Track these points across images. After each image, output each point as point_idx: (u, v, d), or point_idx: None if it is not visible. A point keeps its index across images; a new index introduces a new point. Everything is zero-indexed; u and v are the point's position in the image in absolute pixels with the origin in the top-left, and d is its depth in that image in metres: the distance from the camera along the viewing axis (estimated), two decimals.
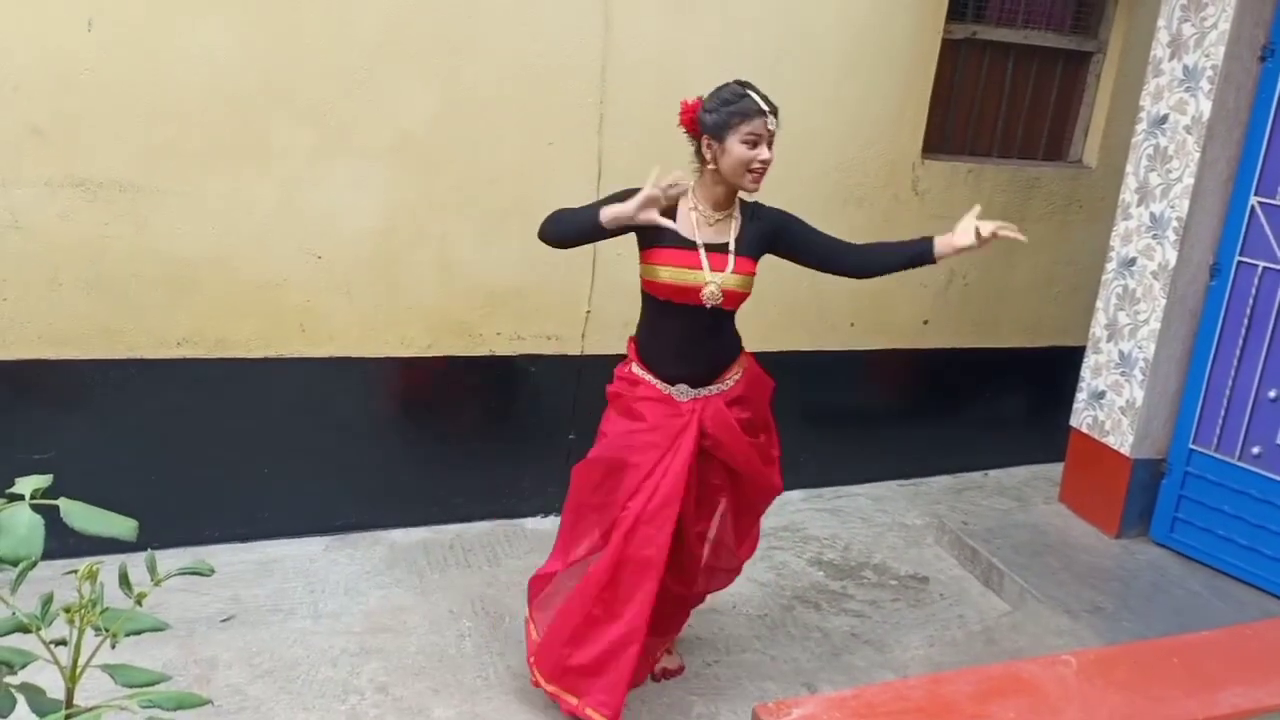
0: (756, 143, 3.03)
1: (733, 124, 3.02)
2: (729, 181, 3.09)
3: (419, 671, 3.58)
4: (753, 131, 3.01)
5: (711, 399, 3.25)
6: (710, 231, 3.14)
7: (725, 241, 3.14)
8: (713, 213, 3.15)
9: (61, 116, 3.66)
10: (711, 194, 3.14)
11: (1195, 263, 4.47)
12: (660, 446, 3.19)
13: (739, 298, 3.16)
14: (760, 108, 3.02)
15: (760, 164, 3.05)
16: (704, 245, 3.10)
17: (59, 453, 3.91)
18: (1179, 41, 4.39)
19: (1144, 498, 4.73)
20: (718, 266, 3.10)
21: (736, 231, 3.17)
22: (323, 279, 4.14)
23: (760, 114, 3.02)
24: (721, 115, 3.04)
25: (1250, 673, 2.19)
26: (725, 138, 3.03)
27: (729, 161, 3.04)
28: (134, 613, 1.38)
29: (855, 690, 2.07)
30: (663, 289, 3.12)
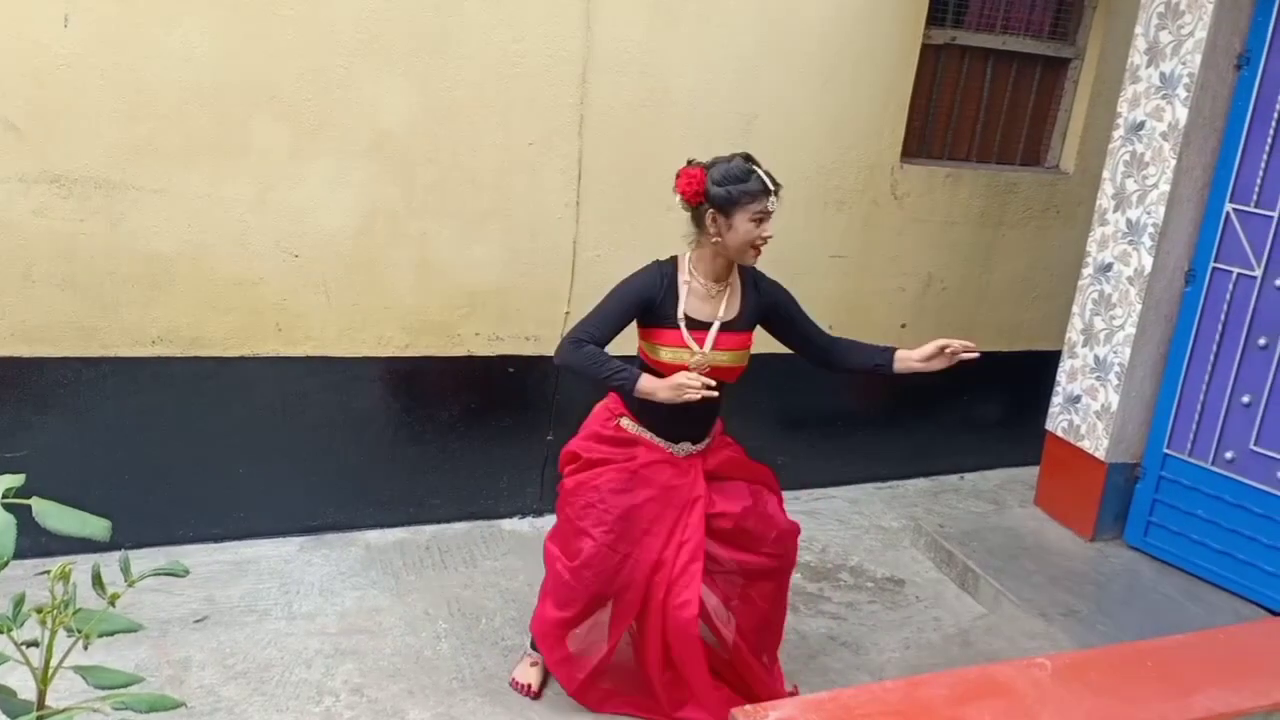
0: (762, 220, 3.06)
1: (742, 202, 3.04)
2: (732, 257, 3.13)
3: (394, 673, 3.57)
4: (761, 210, 3.04)
5: (710, 448, 3.37)
6: (704, 307, 3.17)
7: (713, 320, 3.17)
8: (711, 284, 3.18)
9: (37, 112, 3.63)
10: (711, 267, 3.17)
11: (1171, 269, 4.51)
12: (674, 508, 3.26)
13: (730, 372, 3.23)
14: (768, 187, 3.05)
15: (763, 241, 3.09)
16: (686, 319, 3.14)
17: (32, 451, 3.87)
18: (1156, 49, 4.42)
19: (1119, 502, 4.76)
20: (701, 343, 3.15)
21: (736, 304, 3.22)
22: (300, 278, 4.12)
23: (767, 193, 3.05)
24: (732, 192, 3.05)
25: (1224, 676, 2.21)
26: (733, 214, 3.05)
27: (735, 238, 3.07)
28: (107, 614, 1.37)
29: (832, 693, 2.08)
30: (665, 367, 3.14)
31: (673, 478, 3.27)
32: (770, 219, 3.08)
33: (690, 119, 4.50)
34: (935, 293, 5.33)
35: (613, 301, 3.19)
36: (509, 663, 3.68)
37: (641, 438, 3.29)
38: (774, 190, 3.07)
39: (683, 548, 3.23)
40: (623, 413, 3.33)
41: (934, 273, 5.29)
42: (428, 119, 4.13)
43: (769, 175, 3.09)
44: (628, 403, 3.30)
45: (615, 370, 3.06)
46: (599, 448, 3.33)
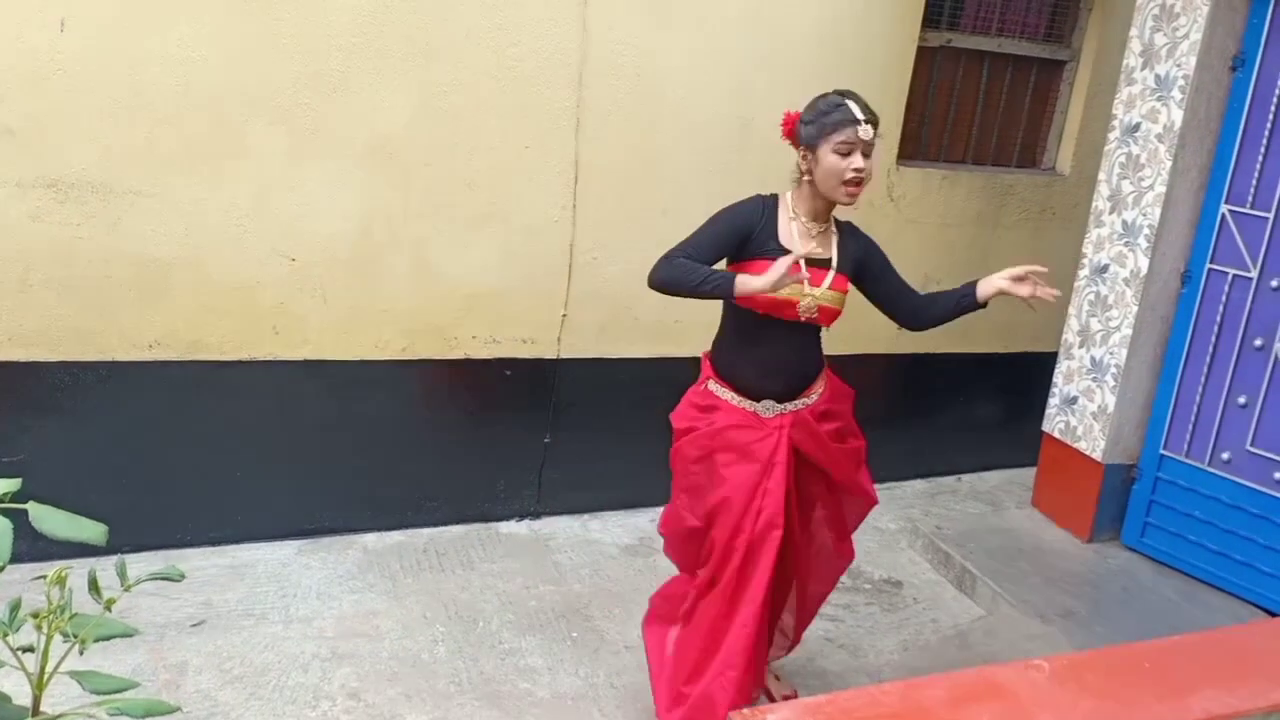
0: (850, 151, 2.93)
1: (825, 133, 2.94)
2: (824, 194, 3.01)
3: (391, 677, 3.57)
4: (846, 140, 2.93)
5: (800, 414, 3.16)
6: (811, 244, 3.05)
7: (828, 256, 3.07)
8: (813, 224, 3.07)
9: (33, 116, 3.62)
10: (811, 206, 3.06)
11: (1167, 270, 4.51)
12: (753, 475, 3.09)
13: (833, 314, 3.10)
14: (854, 116, 2.93)
15: (854, 173, 2.95)
16: (804, 259, 2.99)
17: (28, 455, 3.87)
18: (1151, 51, 4.43)
19: (1115, 503, 4.76)
20: (816, 281, 3.02)
21: (837, 249, 3.11)
22: (297, 281, 4.12)
23: (853, 122, 2.93)
24: (815, 125, 2.97)
25: (1221, 677, 2.21)
26: (818, 147, 2.96)
27: (822, 172, 2.97)
28: (103, 618, 1.37)
29: (829, 695, 2.07)
30: (761, 302, 2.98)
31: (751, 440, 3.10)
32: (859, 152, 2.94)
33: (686, 122, 4.50)
34: None
35: (710, 226, 3.03)
36: (506, 666, 3.68)
37: (722, 401, 3.15)
38: (862, 120, 2.93)
39: (761, 514, 3.07)
40: (710, 375, 3.20)
41: (930, 274, 5.28)
42: (424, 122, 4.13)
43: (863, 105, 2.97)
44: (714, 361, 3.21)
45: (708, 275, 2.87)
46: (687, 413, 3.22)
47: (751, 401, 3.14)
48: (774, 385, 3.14)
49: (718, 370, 3.20)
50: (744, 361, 3.14)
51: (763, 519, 3.07)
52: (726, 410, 3.15)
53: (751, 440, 3.11)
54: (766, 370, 3.13)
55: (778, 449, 3.10)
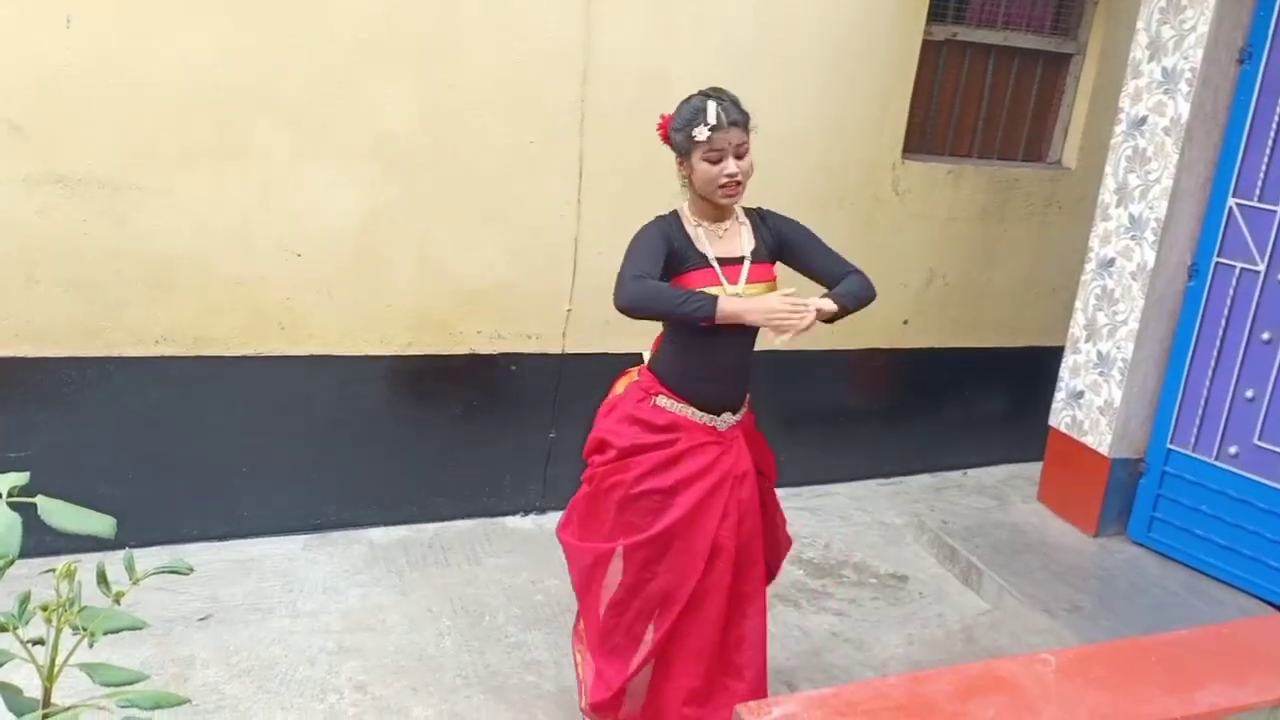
0: (720, 158, 2.85)
1: (691, 143, 2.86)
2: (709, 199, 2.94)
3: (398, 670, 3.58)
4: (712, 148, 2.84)
5: (743, 422, 3.12)
6: (721, 245, 2.99)
7: (740, 255, 2.99)
8: (716, 225, 2.99)
9: (40, 113, 3.63)
10: (704, 209, 2.99)
11: (1173, 264, 4.50)
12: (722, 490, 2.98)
13: None
14: (717, 123, 2.84)
15: (727, 178, 2.87)
16: (717, 260, 2.94)
17: (37, 450, 3.88)
18: (1158, 44, 4.42)
19: (1122, 497, 4.75)
20: (734, 279, 2.94)
21: (751, 238, 3.03)
22: (303, 277, 4.13)
23: (714, 129, 2.83)
24: (682, 135, 2.89)
25: (1228, 671, 2.21)
26: (690, 156, 2.89)
27: (699, 180, 2.89)
28: (112, 611, 1.37)
29: (835, 689, 2.08)
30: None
31: (719, 458, 2.98)
32: (733, 155, 2.85)
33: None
34: (937, 289, 5.33)
35: (644, 246, 2.91)
36: (512, 659, 3.69)
37: (681, 418, 2.99)
38: (729, 124, 2.84)
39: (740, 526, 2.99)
40: (659, 390, 3.02)
41: (936, 269, 5.29)
42: (429, 119, 4.13)
43: (725, 106, 2.87)
44: (663, 375, 3.04)
45: (688, 297, 2.76)
46: (630, 432, 3.02)
47: (712, 416, 3.02)
48: (731, 395, 3.06)
49: (670, 385, 3.02)
50: (698, 375, 3.01)
51: (746, 529, 3.03)
52: (690, 429, 3.01)
53: (718, 458, 3.00)
54: (723, 380, 3.03)
55: (740, 459, 3.04)
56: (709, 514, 2.97)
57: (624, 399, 3.11)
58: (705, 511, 2.97)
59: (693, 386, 3.01)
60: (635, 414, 3.04)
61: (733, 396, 3.07)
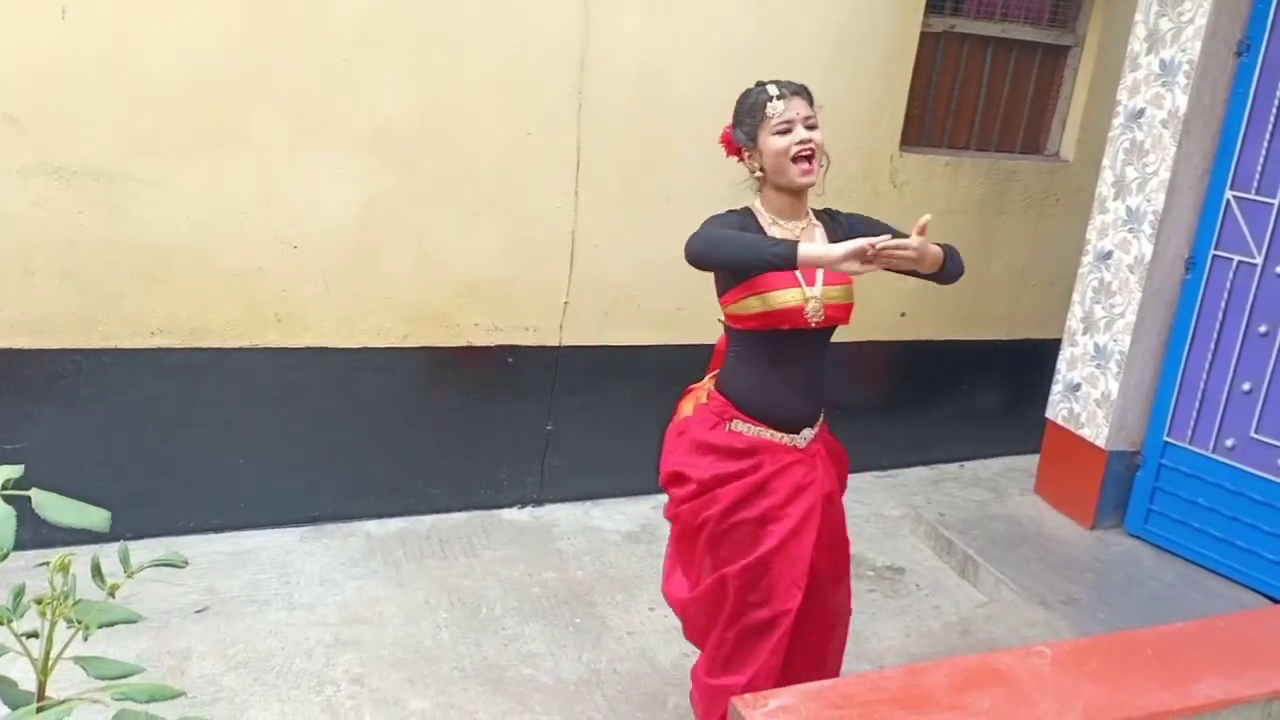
0: (788, 129, 2.75)
1: (758, 124, 2.79)
2: (782, 185, 2.83)
3: (395, 662, 3.58)
4: (780, 120, 2.75)
5: (821, 433, 2.96)
6: None
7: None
8: (791, 223, 2.86)
9: (36, 104, 3.62)
10: (779, 205, 2.86)
11: (1171, 256, 4.50)
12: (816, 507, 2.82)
13: (845, 309, 2.85)
14: (778, 94, 2.78)
15: (800, 146, 2.75)
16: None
17: (31, 442, 3.88)
18: (1156, 36, 4.41)
19: (1119, 490, 4.76)
20: (810, 280, 2.78)
21: (824, 238, 2.88)
22: (299, 269, 4.12)
23: (779, 98, 2.77)
24: (746, 123, 2.82)
25: (1224, 664, 2.21)
26: (758, 140, 2.79)
27: (770, 161, 2.78)
28: (107, 604, 1.37)
29: (832, 681, 2.08)
30: (773, 317, 2.74)
31: (803, 477, 2.82)
32: (802, 124, 2.76)
33: (688, 108, 4.49)
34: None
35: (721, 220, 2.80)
36: (509, 652, 3.69)
37: (761, 440, 2.82)
38: (791, 93, 2.79)
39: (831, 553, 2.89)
40: (732, 415, 2.83)
41: None
42: (426, 110, 4.12)
43: (784, 82, 2.83)
44: (734, 395, 2.84)
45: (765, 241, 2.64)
46: (707, 462, 2.83)
47: (791, 435, 2.85)
48: (809, 405, 2.88)
49: (742, 406, 2.83)
50: (774, 389, 2.83)
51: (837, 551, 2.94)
52: (772, 451, 2.82)
53: (802, 478, 2.82)
54: (801, 391, 2.85)
55: (826, 477, 2.89)
56: (804, 537, 2.80)
57: (695, 423, 2.90)
58: (800, 536, 2.79)
59: (767, 404, 2.83)
60: (710, 441, 2.85)
61: (810, 409, 2.89)
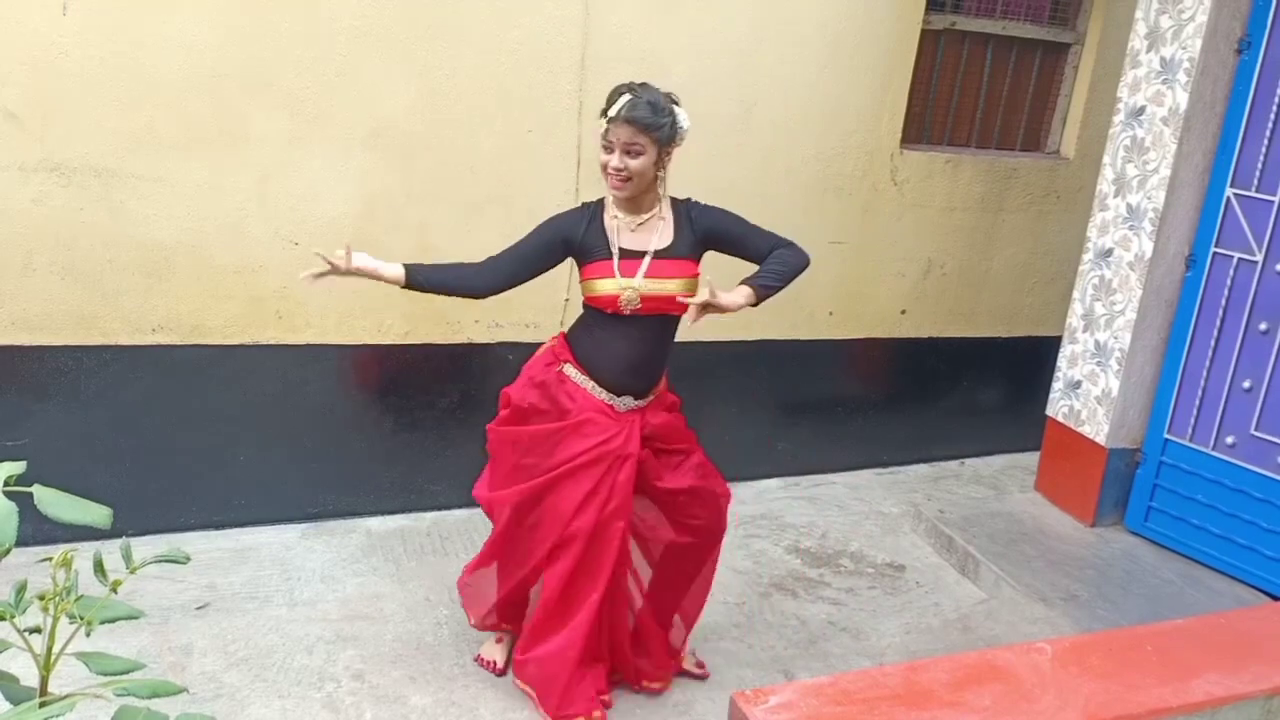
0: (610, 148, 2.97)
1: (603, 128, 2.99)
2: None
3: (396, 659, 3.58)
4: (607, 138, 2.97)
5: (649, 405, 3.23)
6: (632, 238, 3.09)
7: (645, 249, 3.08)
8: (630, 218, 3.10)
9: (36, 100, 3.62)
10: (617, 199, 3.10)
11: (1171, 254, 4.50)
12: (602, 463, 3.12)
13: (668, 301, 3.08)
14: (613, 115, 2.94)
15: (611, 171, 2.97)
16: (620, 250, 3.06)
17: (33, 439, 3.88)
18: (1157, 33, 4.41)
19: (1119, 487, 4.76)
20: (628, 273, 3.05)
21: (670, 233, 3.12)
22: (300, 265, 4.07)
23: (610, 120, 2.95)
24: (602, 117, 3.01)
25: (1223, 660, 2.21)
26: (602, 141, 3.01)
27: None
28: (109, 600, 1.38)
29: (832, 677, 2.08)
30: (600, 301, 3.10)
31: (606, 431, 3.12)
32: (621, 150, 2.95)
33: (689, 105, 4.45)
34: (935, 278, 5.33)
35: (530, 234, 3.16)
36: None
37: (581, 389, 3.17)
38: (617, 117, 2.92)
39: (607, 504, 3.12)
40: (567, 358, 3.22)
41: (934, 258, 5.28)
42: (427, 106, 4.12)
43: (634, 103, 2.94)
44: (573, 345, 3.23)
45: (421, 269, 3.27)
46: (532, 394, 3.22)
47: (612, 395, 3.17)
48: (634, 382, 3.18)
49: (577, 356, 3.22)
50: (604, 357, 3.16)
51: (609, 509, 3.14)
52: (586, 399, 3.17)
53: (606, 431, 3.13)
54: (628, 368, 3.16)
55: (629, 441, 3.14)
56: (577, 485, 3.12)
57: (536, 361, 3.31)
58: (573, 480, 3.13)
59: (598, 364, 3.18)
60: (540, 378, 3.24)
61: (637, 383, 3.19)
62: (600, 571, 3.17)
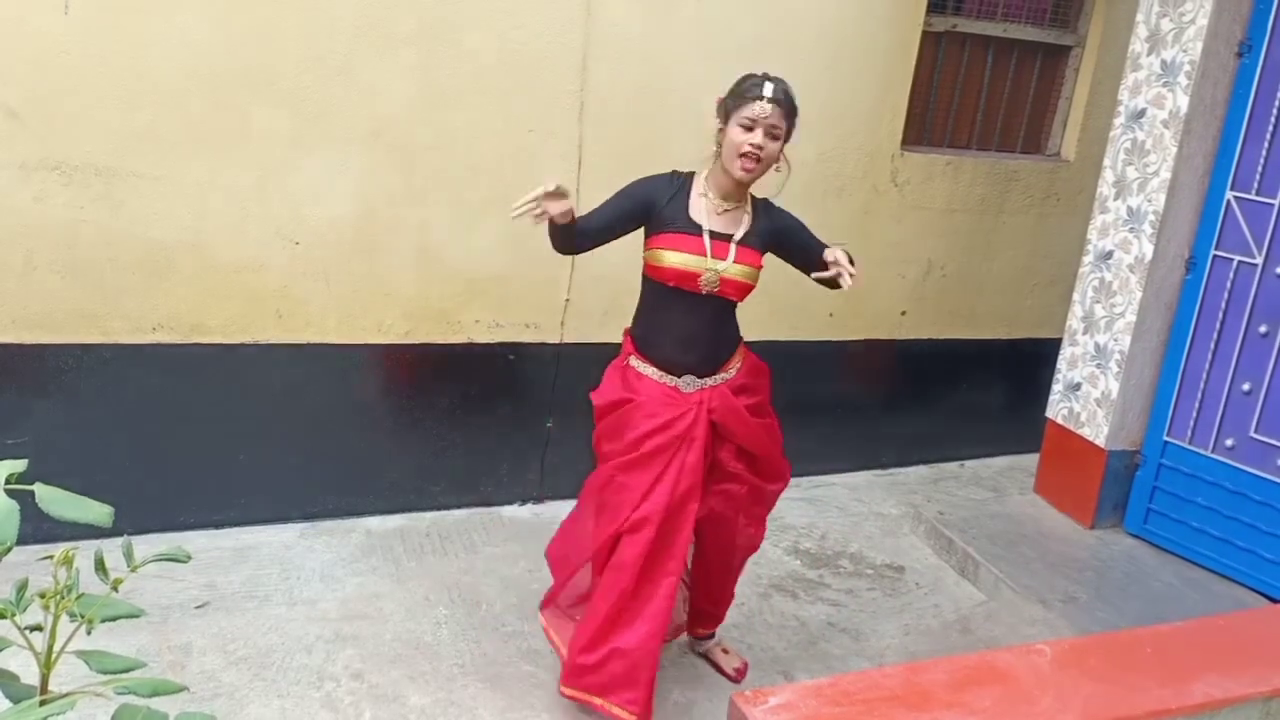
0: (751, 127, 2.99)
1: (736, 108, 3.02)
2: (726, 169, 3.07)
3: (395, 659, 3.58)
4: (750, 116, 2.99)
5: (717, 388, 3.23)
6: (718, 220, 3.12)
7: (731, 232, 3.13)
8: (720, 201, 3.13)
9: (37, 99, 3.62)
10: (719, 182, 3.13)
11: (1171, 256, 4.50)
12: (670, 447, 3.16)
13: (740, 288, 3.15)
14: (761, 94, 2.98)
15: (750, 148, 2.99)
16: (709, 232, 3.09)
17: (33, 437, 3.88)
18: (1157, 36, 4.41)
19: (1118, 489, 4.76)
20: (719, 254, 3.08)
21: (746, 225, 3.16)
22: (300, 265, 4.12)
23: (758, 99, 2.98)
24: (730, 100, 3.05)
25: (1222, 663, 2.21)
26: (730, 123, 3.04)
27: (727, 147, 3.04)
28: (109, 599, 1.38)
29: (832, 678, 2.08)
30: (667, 274, 3.10)
31: (672, 412, 3.17)
32: (764, 131, 2.99)
33: (690, 106, 4.48)
34: (935, 280, 5.33)
35: (617, 195, 3.20)
36: (509, 648, 3.69)
37: (643, 374, 3.23)
38: (767, 98, 2.97)
39: (675, 487, 3.15)
40: (631, 350, 3.29)
41: (934, 260, 5.28)
42: (428, 106, 4.13)
43: (779, 86, 3.01)
44: (634, 335, 3.30)
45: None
46: (605, 391, 3.31)
47: (673, 377, 3.21)
48: (691, 359, 3.21)
49: (638, 346, 3.28)
50: (659, 335, 3.22)
51: (677, 494, 3.15)
52: (649, 384, 3.23)
53: (671, 412, 3.17)
54: (682, 344, 3.19)
55: (696, 424, 3.17)
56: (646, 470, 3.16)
57: (615, 360, 3.38)
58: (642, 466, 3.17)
59: (653, 347, 3.24)
60: (611, 373, 3.34)
61: (694, 360, 3.22)
62: (674, 554, 3.19)
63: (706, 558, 3.49)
